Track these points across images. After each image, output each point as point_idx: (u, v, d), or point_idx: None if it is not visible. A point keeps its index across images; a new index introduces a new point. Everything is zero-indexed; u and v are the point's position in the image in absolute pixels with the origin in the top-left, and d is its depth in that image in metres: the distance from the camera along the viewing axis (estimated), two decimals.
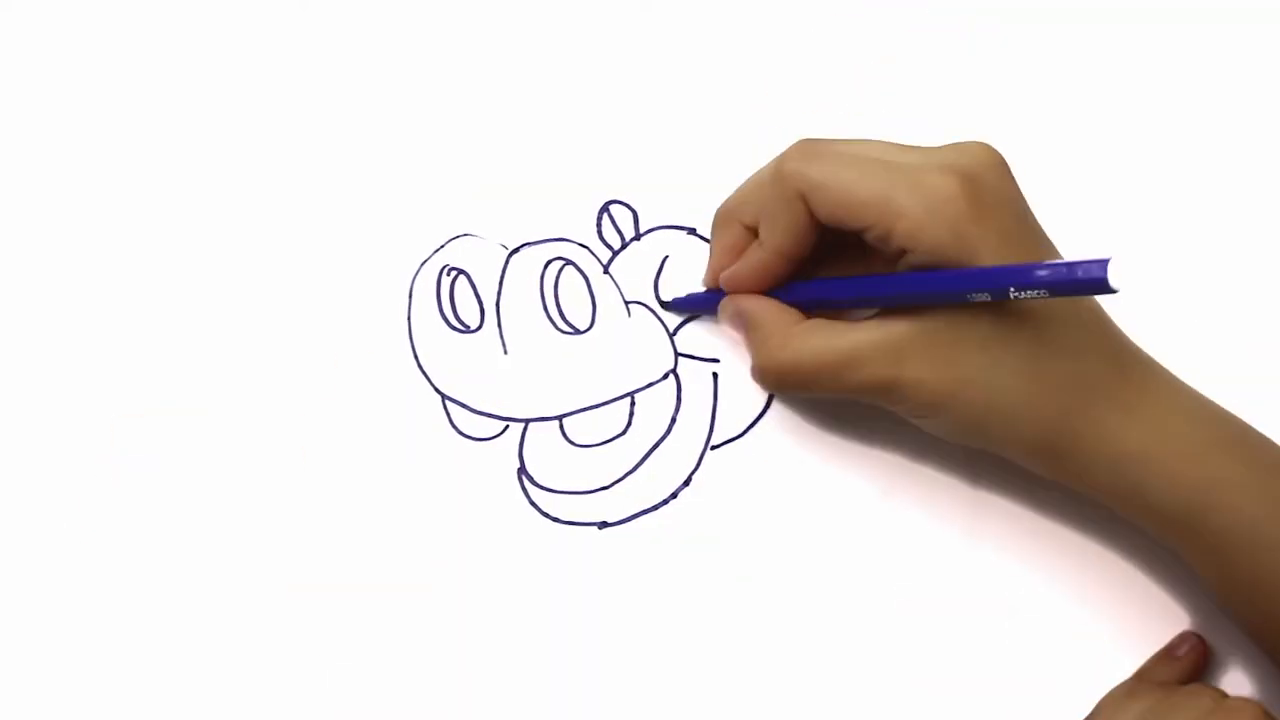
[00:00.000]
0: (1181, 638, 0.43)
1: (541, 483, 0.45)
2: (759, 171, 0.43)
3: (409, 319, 0.46)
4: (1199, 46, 0.49)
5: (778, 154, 0.41)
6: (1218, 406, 0.41)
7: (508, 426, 0.46)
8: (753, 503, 0.45)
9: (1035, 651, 0.44)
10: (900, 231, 0.38)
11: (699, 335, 0.46)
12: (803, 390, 0.43)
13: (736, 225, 0.43)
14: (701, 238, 0.47)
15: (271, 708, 0.43)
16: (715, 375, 0.46)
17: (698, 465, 0.45)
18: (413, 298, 0.47)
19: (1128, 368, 0.40)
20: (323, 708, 0.43)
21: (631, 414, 0.46)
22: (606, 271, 0.47)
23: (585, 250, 0.47)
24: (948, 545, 0.45)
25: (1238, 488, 0.39)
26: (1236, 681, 0.43)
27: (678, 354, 0.46)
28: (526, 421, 0.46)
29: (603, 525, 0.45)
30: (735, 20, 0.49)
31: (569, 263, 0.47)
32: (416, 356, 0.46)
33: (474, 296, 0.47)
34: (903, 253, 0.39)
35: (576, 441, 0.46)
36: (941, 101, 0.49)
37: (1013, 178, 0.40)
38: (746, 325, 0.43)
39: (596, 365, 0.46)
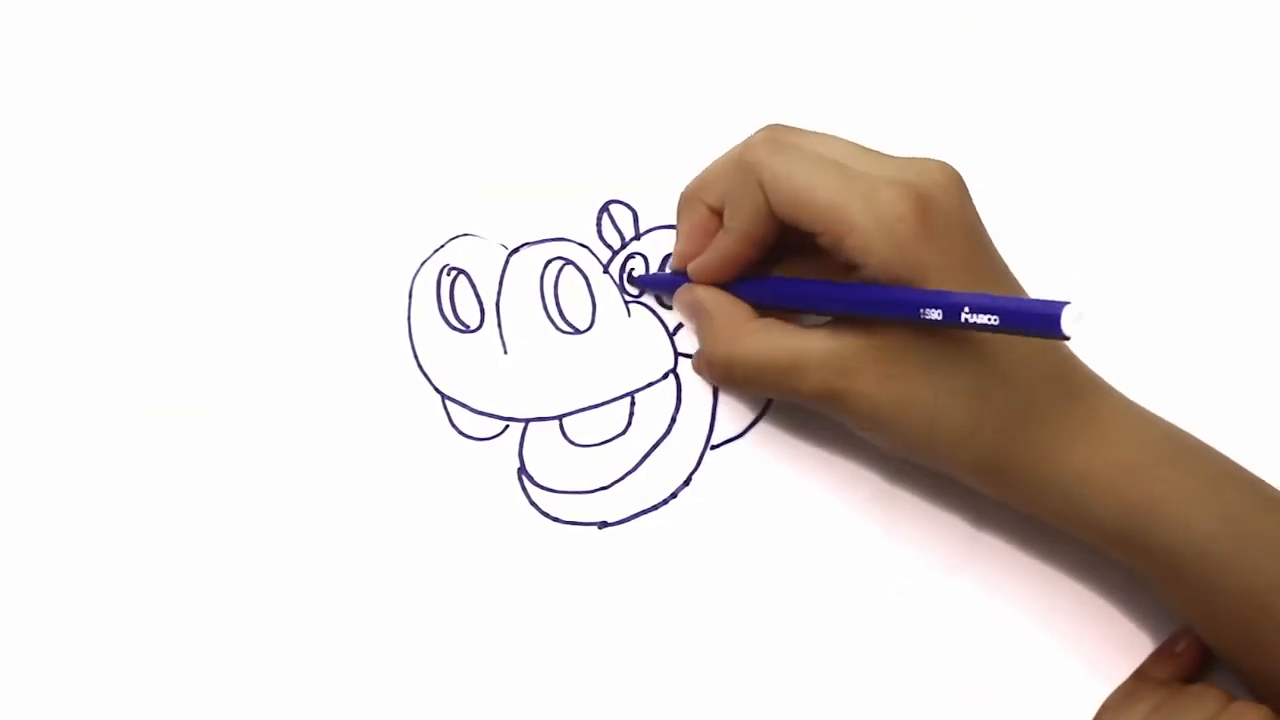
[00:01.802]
0: (1179, 634, 0.43)
1: (541, 483, 0.45)
2: (724, 155, 0.43)
3: (409, 319, 0.46)
4: (1198, 47, 0.49)
5: (744, 138, 0.42)
6: (1166, 423, 0.41)
7: (508, 426, 0.46)
8: (753, 503, 0.45)
9: (1036, 652, 0.44)
10: (850, 244, 0.38)
11: None
12: (748, 387, 0.43)
13: (701, 207, 0.43)
14: None
15: (271, 708, 0.43)
16: None
17: (698, 465, 0.45)
18: (413, 298, 0.47)
19: (1073, 390, 0.40)
20: (323, 708, 0.43)
21: (631, 414, 0.46)
22: (606, 271, 0.47)
23: (585, 250, 0.47)
24: (948, 545, 0.45)
25: (1183, 501, 0.39)
26: (1235, 681, 0.43)
27: (678, 354, 0.46)
28: (526, 421, 0.46)
29: (603, 525, 0.45)
30: (735, 20, 0.49)
31: (569, 262, 0.47)
32: (416, 356, 0.46)
33: (474, 296, 0.47)
34: (853, 266, 0.39)
35: (576, 441, 0.46)
36: (942, 102, 0.49)
37: (970, 200, 0.39)
38: (699, 316, 0.43)
39: (596, 365, 0.46)
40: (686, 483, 0.45)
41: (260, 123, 0.48)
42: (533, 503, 0.45)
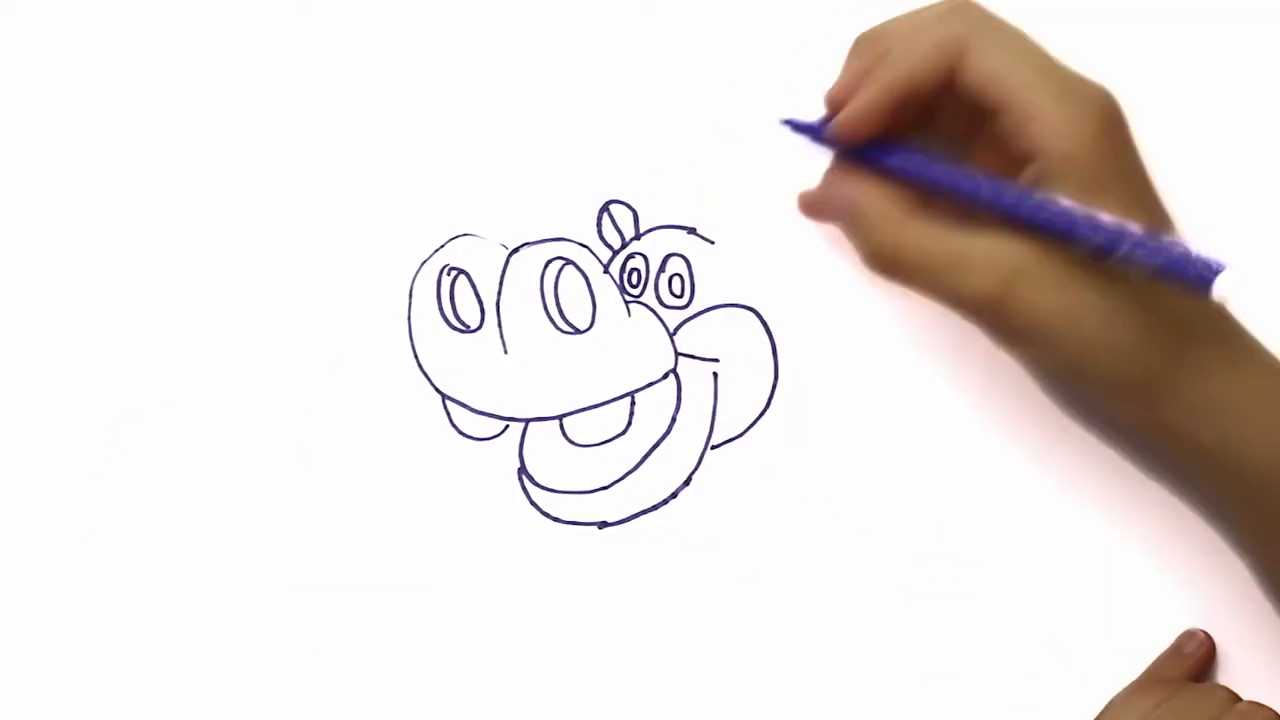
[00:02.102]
0: (1189, 634, 0.43)
1: (541, 482, 0.45)
2: (918, 10, 0.40)
3: (409, 319, 0.46)
4: (1201, 47, 0.49)
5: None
6: None
7: (508, 426, 0.46)
8: (753, 503, 0.45)
9: (1040, 651, 0.44)
10: (1035, 131, 0.37)
11: (699, 335, 0.46)
12: (910, 283, 0.40)
13: (878, 51, 0.40)
14: (702, 237, 0.47)
15: (271, 708, 0.43)
16: (715, 375, 0.46)
17: (698, 465, 0.45)
18: (413, 298, 0.47)
19: (1235, 330, 0.40)
20: (323, 708, 0.43)
21: (631, 414, 0.46)
22: (606, 271, 0.47)
23: (585, 250, 0.47)
24: (949, 544, 0.45)
25: None
26: (1242, 680, 0.43)
27: (678, 354, 0.46)
28: (526, 421, 0.46)
29: (603, 525, 0.45)
30: (735, 20, 0.49)
31: (569, 262, 0.47)
32: (416, 356, 0.46)
33: (474, 296, 0.47)
34: (1028, 158, 0.37)
35: (576, 441, 0.46)
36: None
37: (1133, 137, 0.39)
38: (854, 212, 0.40)
39: (596, 365, 0.46)
40: (686, 483, 0.45)
41: (260, 123, 0.48)
42: (533, 503, 0.45)
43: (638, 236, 0.47)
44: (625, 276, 0.47)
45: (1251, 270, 0.47)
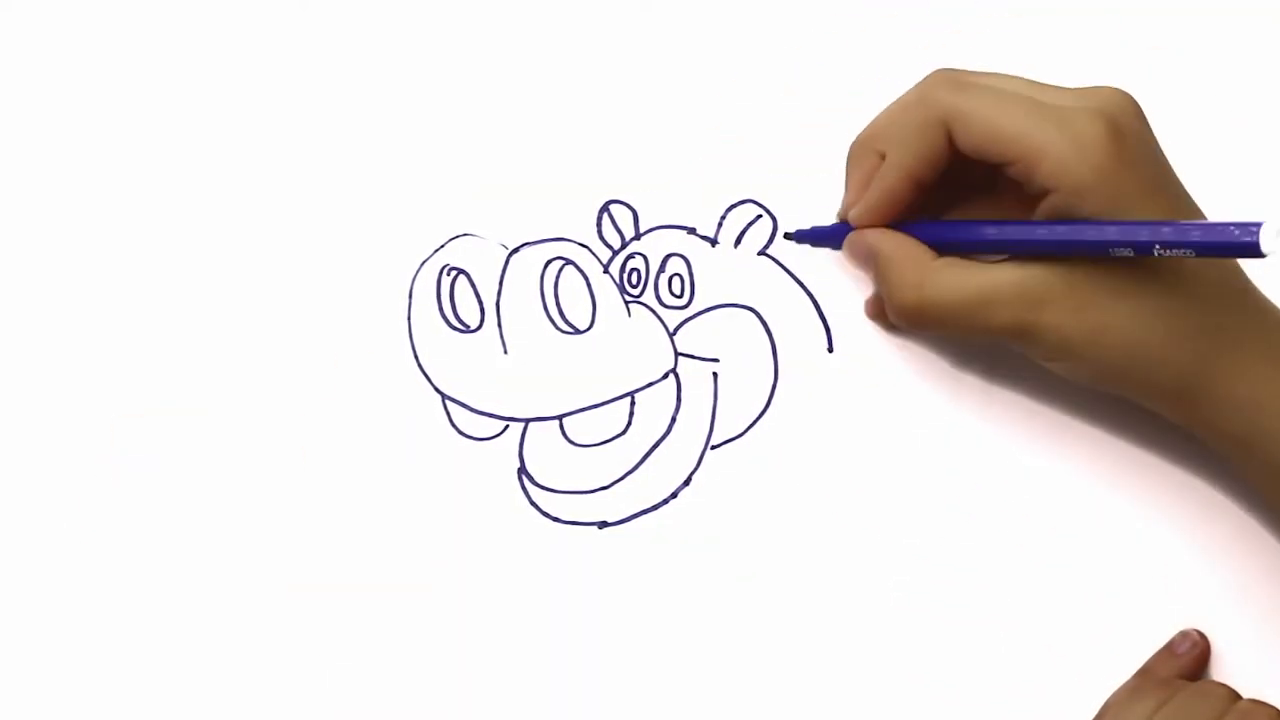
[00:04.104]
0: (1183, 635, 0.43)
1: (541, 482, 0.45)
2: (896, 102, 0.42)
3: (409, 319, 0.46)
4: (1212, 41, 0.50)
5: (916, 84, 0.41)
6: None
7: (508, 426, 0.46)
8: (753, 503, 0.45)
9: (1037, 651, 0.44)
10: (1045, 170, 0.38)
11: (699, 335, 0.46)
12: (939, 329, 0.42)
13: (873, 156, 0.42)
14: (702, 237, 0.47)
15: (271, 708, 0.43)
16: (715, 375, 0.46)
17: (698, 465, 0.45)
18: (413, 298, 0.47)
19: (1259, 309, 0.40)
20: (323, 708, 0.43)
21: (631, 414, 0.46)
22: (606, 271, 0.47)
23: (585, 250, 0.47)
24: (949, 544, 0.45)
25: None
26: (1241, 679, 0.43)
27: (678, 354, 0.46)
28: (526, 421, 0.46)
29: (603, 525, 0.45)
30: (735, 20, 0.49)
31: (569, 262, 0.47)
32: (416, 356, 0.46)
33: (474, 296, 0.47)
34: (1045, 193, 0.38)
35: (576, 441, 0.46)
36: None
37: (1148, 124, 0.39)
38: (879, 261, 0.42)
39: (596, 365, 0.46)
40: (686, 483, 0.45)
41: (260, 123, 0.48)
42: (533, 503, 0.45)
43: (638, 236, 0.47)
44: (625, 276, 0.47)
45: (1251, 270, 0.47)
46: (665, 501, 0.45)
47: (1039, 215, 0.39)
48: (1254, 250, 0.34)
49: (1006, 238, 0.40)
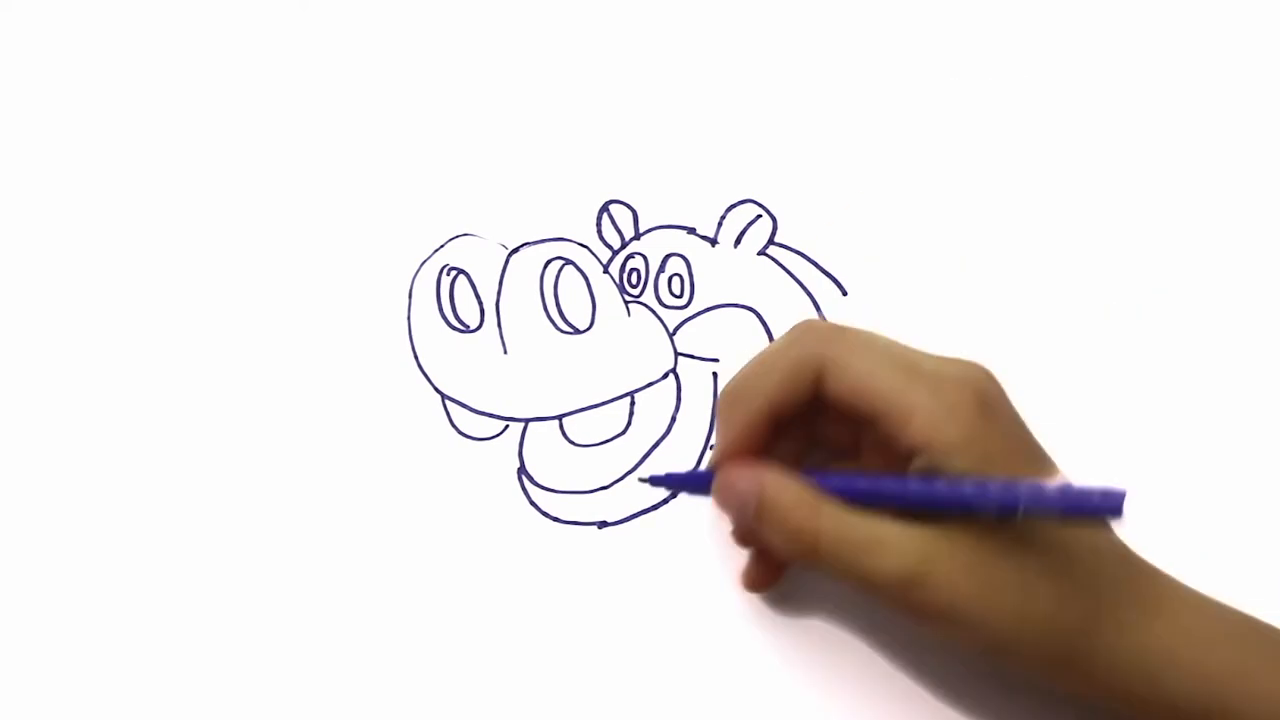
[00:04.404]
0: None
1: (541, 483, 0.45)
2: (764, 351, 0.42)
3: (409, 319, 0.46)
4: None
5: (786, 332, 0.41)
6: (1232, 608, 0.40)
7: (508, 426, 0.46)
8: None
9: None
10: (914, 427, 0.38)
11: (699, 335, 0.47)
12: (826, 563, 0.40)
13: (742, 405, 0.41)
14: (702, 237, 0.47)
15: (271, 708, 0.43)
16: (715, 375, 0.46)
17: (697, 465, 0.46)
18: (413, 298, 0.47)
19: (1140, 570, 0.40)
20: (323, 708, 0.43)
21: (631, 414, 0.46)
22: (606, 271, 0.47)
23: (585, 250, 0.47)
24: None
25: (1263, 676, 0.38)
26: None
27: (678, 354, 0.46)
28: (526, 421, 0.46)
29: (602, 525, 0.45)
30: (735, 20, 0.49)
31: (569, 262, 0.47)
32: (416, 356, 0.46)
33: (474, 296, 0.47)
34: (913, 452, 0.38)
35: (576, 441, 0.46)
36: (942, 101, 0.49)
37: (1009, 399, 0.40)
38: (765, 495, 0.40)
39: (596, 365, 0.46)
40: None
41: (260, 123, 0.48)
42: (533, 503, 0.45)
43: (637, 236, 0.47)
44: (625, 276, 0.47)
45: (1252, 270, 0.48)
46: (665, 501, 0.45)
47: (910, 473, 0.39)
48: (1116, 512, 0.35)
49: (883, 491, 0.39)
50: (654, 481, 0.44)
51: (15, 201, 0.47)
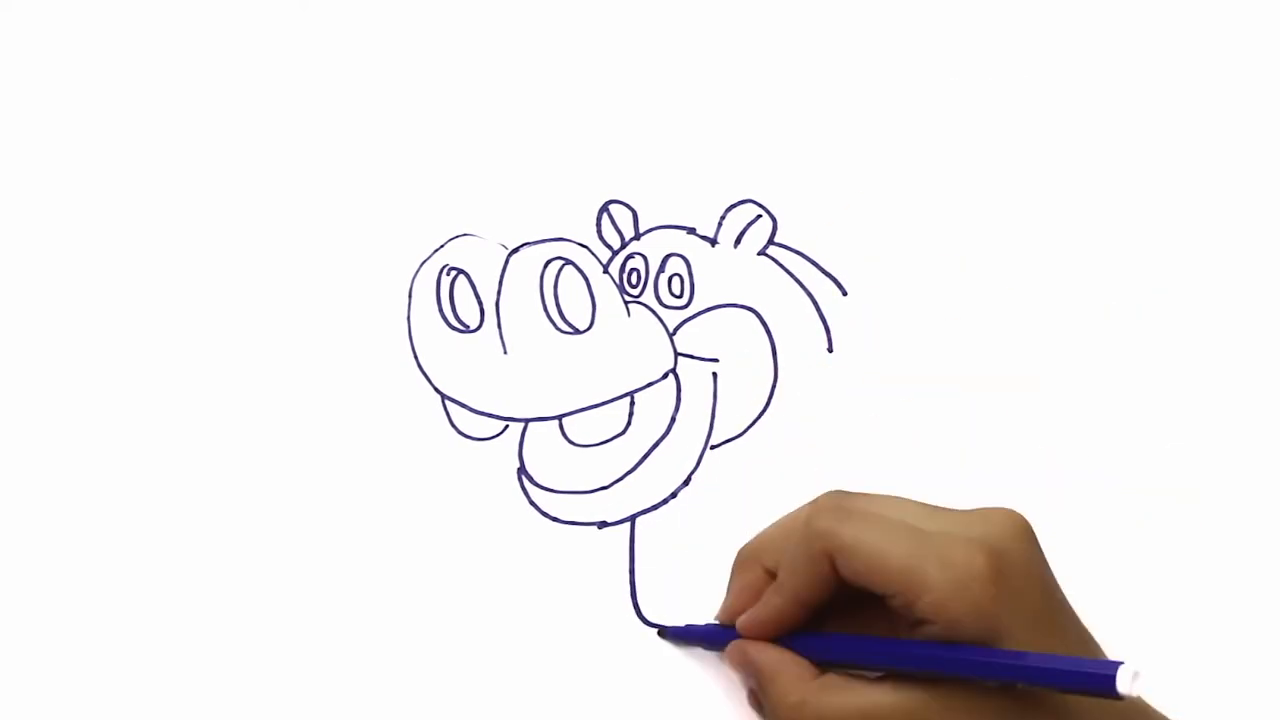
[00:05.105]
0: None
1: (541, 483, 0.45)
2: (786, 518, 0.43)
3: (409, 319, 0.46)
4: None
5: (808, 502, 0.41)
6: None
7: (507, 426, 0.46)
8: (752, 503, 0.45)
9: None
10: (924, 604, 0.38)
11: (699, 335, 0.46)
12: None
13: (758, 567, 0.43)
14: (702, 237, 0.47)
15: (271, 708, 0.43)
16: (715, 375, 0.46)
17: (697, 465, 0.45)
18: (413, 298, 0.47)
19: None
20: (323, 708, 0.43)
21: (631, 414, 0.46)
22: (606, 271, 0.47)
23: (585, 250, 0.47)
24: None
25: None
26: (1239, 675, 0.43)
27: (677, 354, 0.46)
28: (526, 421, 0.46)
29: (602, 525, 0.45)
30: (735, 20, 0.49)
31: (569, 262, 0.47)
32: (416, 356, 0.46)
33: (474, 296, 0.47)
34: (922, 623, 0.38)
35: (576, 441, 0.46)
36: (942, 102, 0.49)
37: (1039, 549, 0.39)
38: (760, 676, 0.42)
39: (596, 365, 0.46)
40: (686, 483, 0.45)
41: (260, 123, 0.48)
42: (532, 503, 0.45)
43: (637, 236, 0.47)
44: (625, 276, 0.47)
45: (1252, 271, 0.48)
46: (665, 501, 0.45)
47: (919, 637, 0.39)
48: (1110, 693, 0.34)
49: (880, 659, 0.40)
50: (671, 634, 0.44)
51: (15, 201, 0.47)
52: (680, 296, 0.47)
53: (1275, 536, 0.45)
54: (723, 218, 0.47)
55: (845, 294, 0.47)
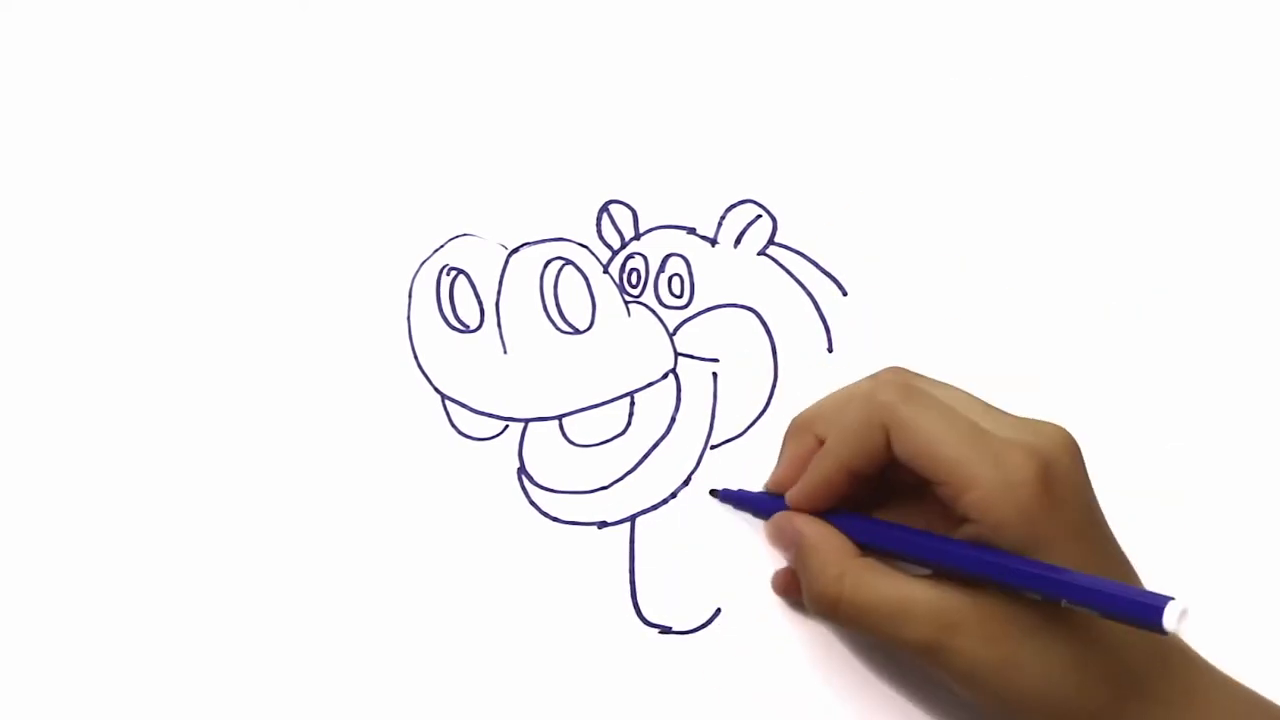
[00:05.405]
0: None
1: (541, 482, 0.45)
2: (844, 389, 0.43)
3: (409, 319, 0.46)
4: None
5: (869, 375, 0.41)
6: (1268, 700, 0.40)
7: (508, 426, 0.46)
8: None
9: None
10: (970, 499, 0.38)
11: (699, 335, 0.47)
12: (850, 626, 0.41)
13: (810, 437, 0.43)
14: (702, 237, 0.47)
15: (271, 708, 0.43)
16: (715, 375, 0.46)
17: (697, 465, 0.46)
18: (413, 298, 0.47)
19: (1173, 664, 0.40)
20: (323, 708, 0.43)
21: (631, 414, 0.46)
22: (606, 271, 0.47)
23: (585, 250, 0.47)
24: None
25: None
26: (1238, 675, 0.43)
27: (677, 354, 0.46)
28: (526, 421, 0.46)
29: (602, 525, 0.45)
30: (735, 20, 0.49)
31: (569, 262, 0.47)
32: (416, 356, 0.46)
33: (474, 296, 0.47)
34: (965, 520, 0.38)
35: (576, 441, 0.46)
36: (941, 102, 0.49)
37: (1085, 469, 0.39)
38: (802, 546, 0.42)
39: (596, 365, 0.46)
40: (686, 483, 0.45)
41: (260, 123, 0.48)
42: (532, 503, 0.45)
43: (637, 236, 0.47)
44: (625, 276, 0.47)
45: (1251, 271, 0.48)
46: (665, 501, 0.45)
47: (959, 537, 0.39)
48: (1156, 626, 0.33)
49: (925, 552, 0.39)
50: (722, 496, 0.45)
51: (15, 201, 0.47)
52: (680, 296, 0.47)
53: (1260, 539, 0.46)
54: (723, 218, 0.47)
55: (845, 294, 0.47)
